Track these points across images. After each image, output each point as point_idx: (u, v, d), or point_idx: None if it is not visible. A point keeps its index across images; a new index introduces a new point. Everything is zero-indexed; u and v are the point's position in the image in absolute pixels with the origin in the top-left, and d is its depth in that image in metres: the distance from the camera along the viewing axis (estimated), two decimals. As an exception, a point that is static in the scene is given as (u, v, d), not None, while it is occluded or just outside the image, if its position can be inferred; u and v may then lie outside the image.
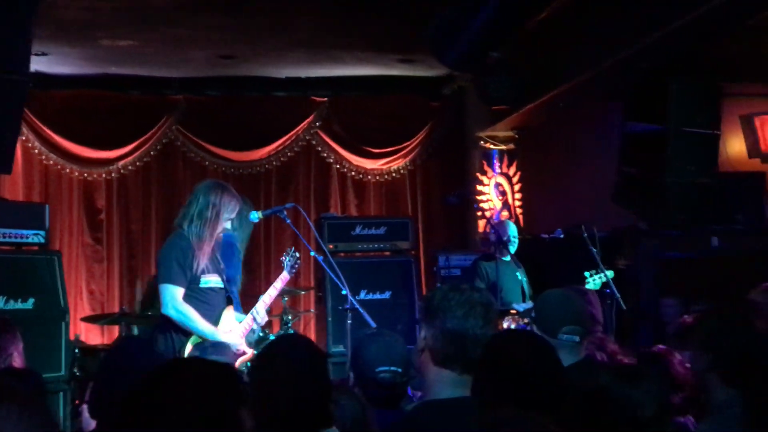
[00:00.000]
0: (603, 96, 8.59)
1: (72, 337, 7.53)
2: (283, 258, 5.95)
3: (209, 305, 5.33)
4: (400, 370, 3.56)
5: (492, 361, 2.68)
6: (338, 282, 5.61)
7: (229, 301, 5.49)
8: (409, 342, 3.71)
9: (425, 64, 9.65)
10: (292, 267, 5.87)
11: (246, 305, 5.76)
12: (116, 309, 9.02)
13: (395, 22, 8.08)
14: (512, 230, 7.73)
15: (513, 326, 6.35)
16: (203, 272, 5.28)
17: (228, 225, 5.40)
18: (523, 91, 8.33)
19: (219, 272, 5.41)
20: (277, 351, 2.97)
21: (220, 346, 4.61)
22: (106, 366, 3.40)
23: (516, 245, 7.70)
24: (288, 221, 5.79)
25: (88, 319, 8.39)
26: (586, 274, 6.64)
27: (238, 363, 5.25)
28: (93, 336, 9.56)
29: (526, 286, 7.56)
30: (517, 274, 7.56)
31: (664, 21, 6.17)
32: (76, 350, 7.15)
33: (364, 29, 8.53)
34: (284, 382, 2.77)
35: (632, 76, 7.55)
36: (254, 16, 8.05)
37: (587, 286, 6.58)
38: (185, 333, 5.22)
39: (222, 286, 5.42)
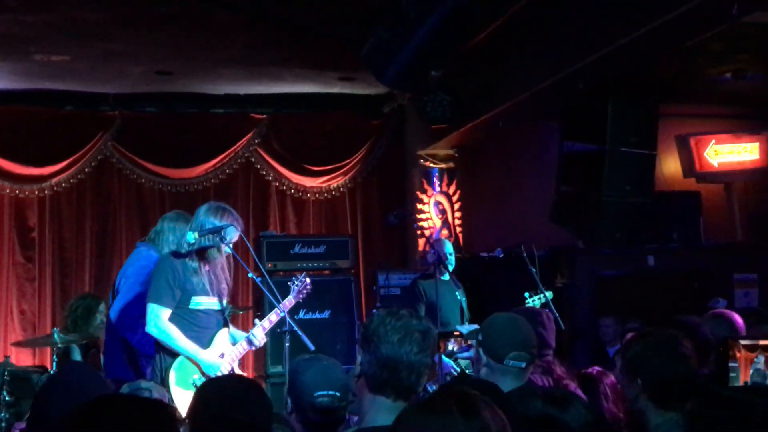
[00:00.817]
0: (541, 116, 8.66)
1: (1, 359, 7.31)
2: (291, 282, 5.82)
3: (199, 327, 5.35)
4: (338, 394, 3.52)
5: None
6: (275, 304, 5.53)
7: (225, 324, 5.49)
8: (349, 362, 3.67)
9: (365, 83, 9.64)
10: (299, 292, 5.76)
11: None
12: (48, 330, 8.77)
13: (333, 40, 8.05)
14: (448, 247, 7.70)
15: (456, 348, 6.31)
16: (195, 293, 5.31)
17: (228, 249, 5.37)
18: (462, 110, 8.36)
19: (218, 295, 5.40)
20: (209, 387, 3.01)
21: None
22: (45, 391, 3.33)
23: (453, 263, 7.67)
24: (225, 241, 5.69)
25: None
26: (526, 294, 6.64)
27: None
28: (24, 358, 9.31)
29: (465, 306, 7.53)
30: (457, 294, 7.52)
31: (600, 43, 6.24)
32: (5, 373, 6.94)
33: (302, 46, 8.49)
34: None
35: (570, 97, 7.61)
36: (189, 32, 7.95)
37: (527, 307, 6.59)
38: (171, 354, 5.26)
39: (218, 308, 5.44)
